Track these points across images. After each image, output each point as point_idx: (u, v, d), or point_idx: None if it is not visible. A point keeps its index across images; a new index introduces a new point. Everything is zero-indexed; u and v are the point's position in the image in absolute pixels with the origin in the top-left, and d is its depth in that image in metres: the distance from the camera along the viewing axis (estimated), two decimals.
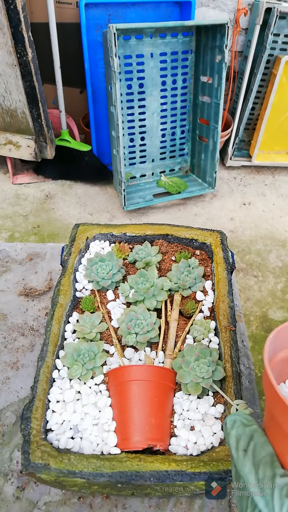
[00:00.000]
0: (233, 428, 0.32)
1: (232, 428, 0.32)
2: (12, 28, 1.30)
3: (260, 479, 0.27)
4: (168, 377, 0.49)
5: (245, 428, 0.31)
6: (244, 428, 0.31)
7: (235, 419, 0.32)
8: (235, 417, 0.33)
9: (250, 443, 0.30)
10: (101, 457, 0.42)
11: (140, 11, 1.61)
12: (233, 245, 1.58)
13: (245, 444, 0.30)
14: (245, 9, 1.65)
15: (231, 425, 0.32)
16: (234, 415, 0.33)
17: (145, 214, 1.70)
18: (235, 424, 0.32)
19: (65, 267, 0.62)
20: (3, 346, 0.63)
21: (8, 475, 0.51)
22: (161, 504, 0.49)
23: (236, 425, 0.32)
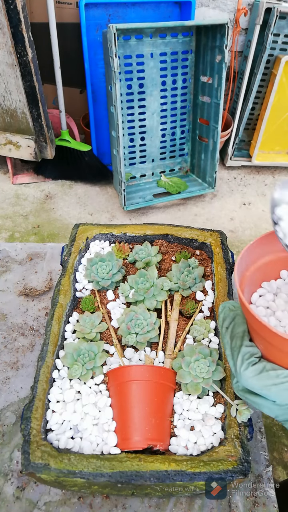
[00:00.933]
0: (222, 311, 0.41)
1: (221, 312, 0.41)
2: (12, 28, 1.30)
3: (232, 347, 0.37)
4: (168, 377, 0.49)
5: (230, 312, 0.40)
6: (230, 312, 0.40)
7: (225, 305, 0.41)
8: (225, 304, 0.41)
9: (231, 323, 0.39)
10: (101, 457, 0.42)
11: (140, 11, 1.61)
12: (233, 245, 1.58)
13: (228, 323, 0.39)
14: (245, 9, 1.65)
15: (221, 310, 0.41)
16: (225, 303, 0.41)
17: (145, 214, 1.71)
18: (224, 309, 0.41)
19: (65, 267, 0.62)
20: (3, 346, 0.63)
21: (8, 475, 0.51)
22: (161, 504, 0.49)
23: (224, 310, 0.40)
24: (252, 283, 0.41)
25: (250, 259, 0.39)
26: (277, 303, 0.40)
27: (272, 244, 0.40)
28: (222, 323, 0.40)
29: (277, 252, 0.41)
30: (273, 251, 0.41)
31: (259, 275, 0.41)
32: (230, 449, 0.43)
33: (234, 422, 0.45)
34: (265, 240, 0.39)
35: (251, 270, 0.40)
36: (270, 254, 0.41)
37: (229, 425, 0.45)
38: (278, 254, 0.41)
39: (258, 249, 0.39)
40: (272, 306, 0.40)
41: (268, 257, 0.41)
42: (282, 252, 0.41)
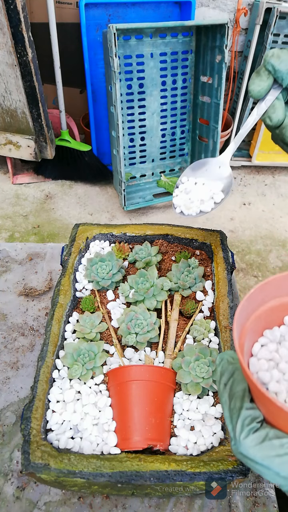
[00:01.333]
0: (220, 364, 0.36)
1: (219, 364, 0.36)
2: (12, 28, 1.30)
3: (231, 408, 0.33)
4: (168, 377, 0.49)
5: (229, 366, 0.36)
6: (228, 365, 0.36)
7: (223, 357, 0.37)
8: (223, 355, 0.37)
9: (230, 379, 0.35)
10: (101, 457, 0.42)
11: (140, 11, 1.61)
12: (233, 245, 1.58)
13: (226, 379, 0.35)
14: (245, 9, 1.65)
15: (219, 362, 0.37)
16: (223, 354, 0.37)
17: (145, 214, 1.71)
18: (222, 361, 0.37)
19: (65, 267, 0.62)
20: (3, 346, 0.63)
21: (8, 475, 0.50)
22: (161, 504, 0.49)
23: (222, 362, 0.36)
24: (254, 332, 0.37)
25: (251, 308, 0.36)
26: (280, 353, 0.37)
27: (274, 289, 0.37)
28: (220, 378, 0.36)
29: (280, 297, 0.38)
30: (276, 296, 0.38)
31: (260, 323, 0.38)
32: (230, 449, 0.43)
33: None
34: (266, 286, 0.36)
35: (252, 320, 0.37)
36: (272, 300, 0.38)
37: None
38: (281, 299, 0.38)
39: (259, 296, 0.36)
40: (275, 357, 0.36)
41: (270, 303, 0.38)
42: (285, 296, 0.38)
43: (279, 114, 0.48)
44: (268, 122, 0.49)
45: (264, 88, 0.47)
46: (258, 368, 0.34)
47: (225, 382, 0.35)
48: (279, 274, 0.36)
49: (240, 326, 0.34)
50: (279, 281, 0.36)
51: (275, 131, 0.51)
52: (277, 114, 0.48)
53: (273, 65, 0.45)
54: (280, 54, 0.45)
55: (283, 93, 0.48)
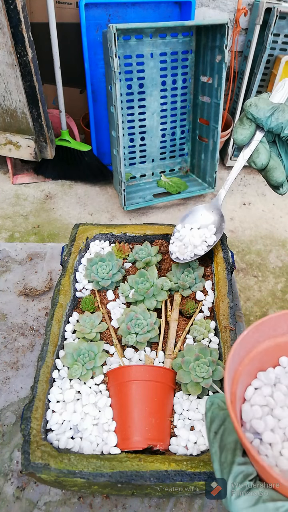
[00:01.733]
0: (210, 410, 0.33)
1: (209, 410, 0.34)
2: (12, 28, 1.30)
3: (221, 462, 0.30)
4: (168, 377, 0.49)
5: (219, 412, 0.33)
6: (219, 411, 0.33)
7: (213, 401, 0.34)
8: (213, 399, 0.34)
9: (221, 427, 0.32)
10: (101, 457, 0.42)
11: (140, 11, 1.61)
12: (233, 245, 1.58)
13: (217, 427, 0.32)
14: (245, 9, 1.65)
15: (209, 407, 0.34)
16: (213, 397, 0.34)
17: (145, 214, 1.71)
18: (212, 406, 0.34)
19: (65, 267, 0.62)
20: (3, 346, 0.63)
21: (8, 475, 0.50)
22: (161, 504, 0.49)
23: (213, 407, 0.34)
24: (247, 374, 0.35)
25: (244, 351, 0.34)
26: (275, 397, 0.34)
27: (268, 330, 0.35)
28: (210, 425, 0.32)
29: (274, 338, 0.36)
30: (270, 336, 0.35)
31: (254, 365, 0.35)
32: None
33: None
34: (261, 327, 0.34)
35: (245, 362, 0.34)
36: (266, 341, 0.35)
37: None
38: (276, 339, 0.36)
39: (252, 338, 0.34)
40: (269, 403, 0.33)
41: (264, 344, 0.35)
42: (280, 336, 0.36)
43: (263, 159, 0.51)
44: (253, 166, 0.52)
45: (247, 136, 0.50)
46: (251, 416, 0.32)
47: (215, 431, 0.32)
48: (273, 314, 0.34)
49: (232, 371, 0.32)
50: (274, 321, 0.34)
51: (261, 174, 0.54)
52: (261, 159, 0.51)
53: (252, 114, 0.49)
54: (257, 102, 0.49)
55: (267, 135, 0.51)
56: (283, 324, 0.35)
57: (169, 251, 0.63)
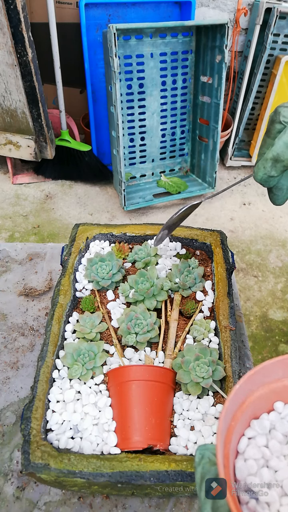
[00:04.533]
0: (200, 464, 0.30)
1: (199, 464, 0.30)
2: (12, 28, 1.30)
3: None
4: (168, 377, 0.49)
5: (211, 467, 0.29)
6: (211, 466, 0.29)
7: (204, 454, 0.30)
8: (203, 452, 0.30)
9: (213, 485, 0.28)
10: (101, 457, 0.42)
11: (140, 11, 1.61)
12: (233, 245, 1.58)
13: (208, 486, 0.28)
14: (245, 9, 1.65)
15: (199, 461, 0.30)
16: (203, 449, 0.30)
17: (145, 214, 1.71)
18: (203, 460, 0.30)
19: (65, 267, 0.62)
20: (3, 346, 0.63)
21: (8, 475, 0.50)
22: (161, 504, 0.49)
23: (203, 461, 0.30)
24: (241, 425, 0.32)
25: (237, 404, 0.32)
26: (270, 447, 0.31)
27: (262, 378, 0.33)
28: (201, 483, 0.28)
29: (268, 384, 0.34)
30: (264, 383, 0.34)
31: (247, 415, 0.33)
32: None
33: None
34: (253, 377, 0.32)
35: (237, 416, 0.32)
36: (260, 389, 0.34)
37: None
38: (269, 386, 0.34)
39: (245, 389, 0.32)
40: (265, 454, 0.31)
41: (257, 393, 0.34)
42: (275, 382, 0.34)
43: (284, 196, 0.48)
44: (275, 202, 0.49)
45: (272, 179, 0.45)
46: (246, 472, 0.30)
47: (207, 490, 0.28)
48: (266, 362, 0.33)
49: (224, 432, 0.29)
50: (268, 368, 0.33)
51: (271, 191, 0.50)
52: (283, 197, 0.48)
53: None
54: None
55: None
56: (278, 370, 0.33)
57: None
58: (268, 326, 1.31)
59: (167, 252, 0.68)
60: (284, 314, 1.35)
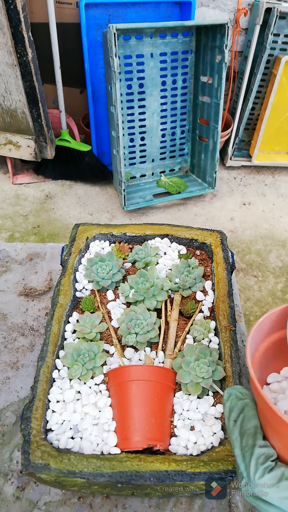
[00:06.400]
0: (228, 400, 0.35)
1: (227, 400, 0.35)
2: (12, 28, 1.30)
3: (243, 446, 0.31)
4: (168, 377, 0.49)
5: (238, 401, 0.34)
6: (237, 401, 0.34)
7: (231, 392, 0.35)
8: (231, 391, 0.35)
9: (240, 415, 0.33)
10: (101, 457, 0.42)
11: (140, 11, 1.61)
12: (233, 245, 1.58)
13: (236, 415, 0.34)
14: (245, 9, 1.65)
15: (227, 397, 0.35)
16: (231, 389, 0.36)
17: (145, 214, 1.70)
18: (230, 397, 0.35)
19: (65, 267, 0.62)
20: (3, 346, 0.63)
21: (8, 475, 0.50)
22: (161, 504, 0.49)
23: (231, 398, 0.35)
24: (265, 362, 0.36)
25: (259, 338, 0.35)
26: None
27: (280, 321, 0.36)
28: (229, 415, 0.34)
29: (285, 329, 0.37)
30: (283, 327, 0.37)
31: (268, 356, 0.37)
32: (230, 449, 0.43)
33: None
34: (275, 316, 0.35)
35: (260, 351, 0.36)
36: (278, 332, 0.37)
37: None
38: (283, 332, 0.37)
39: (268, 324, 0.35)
40: None
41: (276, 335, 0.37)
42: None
43: None
44: None
45: None
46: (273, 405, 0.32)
47: (234, 419, 0.33)
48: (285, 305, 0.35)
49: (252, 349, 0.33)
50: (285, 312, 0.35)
51: None
52: None
53: None
54: None
55: None
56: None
57: None
58: None
59: (168, 251, 0.68)
60: None
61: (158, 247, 0.67)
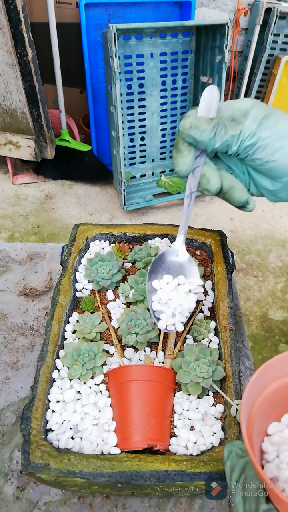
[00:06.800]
0: (229, 458, 0.34)
1: (227, 459, 0.34)
2: (12, 28, 1.30)
3: (246, 510, 0.30)
4: (168, 377, 0.49)
5: (239, 460, 0.33)
6: (238, 459, 0.33)
7: (231, 450, 0.34)
8: (231, 448, 0.34)
9: (241, 475, 0.32)
10: (101, 457, 0.42)
11: (140, 11, 1.61)
12: (233, 245, 1.58)
13: (237, 475, 0.32)
14: (245, 9, 1.65)
15: (227, 456, 0.34)
16: (230, 445, 0.34)
17: (145, 214, 1.70)
18: (231, 455, 0.34)
19: (65, 267, 0.62)
20: (3, 346, 0.63)
21: (8, 475, 0.51)
22: (161, 504, 0.49)
23: (231, 456, 0.34)
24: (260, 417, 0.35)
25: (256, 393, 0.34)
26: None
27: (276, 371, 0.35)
28: (231, 475, 0.33)
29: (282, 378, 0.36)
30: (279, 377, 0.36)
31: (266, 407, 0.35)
32: None
33: (234, 422, 0.45)
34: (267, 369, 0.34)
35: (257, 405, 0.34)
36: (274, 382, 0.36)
37: (229, 425, 0.45)
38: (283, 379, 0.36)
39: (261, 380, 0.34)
40: None
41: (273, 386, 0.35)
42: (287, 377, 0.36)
43: (214, 182, 0.44)
44: (207, 194, 0.46)
45: (190, 163, 0.43)
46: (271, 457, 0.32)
47: (236, 479, 0.32)
48: (278, 355, 0.34)
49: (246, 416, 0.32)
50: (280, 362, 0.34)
51: (220, 197, 0.47)
52: (213, 184, 0.44)
53: (194, 138, 0.42)
54: (196, 123, 0.41)
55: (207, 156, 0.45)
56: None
57: (153, 318, 0.51)
58: (268, 326, 1.31)
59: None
60: (284, 314, 1.35)
61: (158, 247, 0.67)
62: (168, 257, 0.53)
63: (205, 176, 0.44)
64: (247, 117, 0.41)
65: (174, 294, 0.51)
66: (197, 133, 0.41)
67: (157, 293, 0.51)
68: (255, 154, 0.42)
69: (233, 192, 0.45)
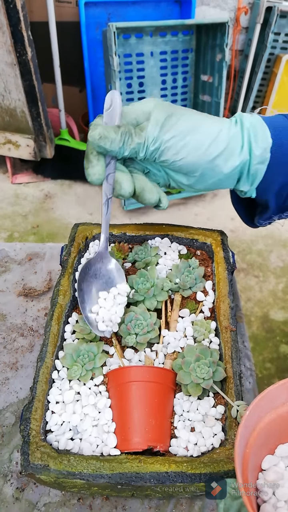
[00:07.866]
0: (222, 500, 0.34)
1: (221, 501, 0.34)
2: (12, 27, 1.29)
3: None
4: (168, 378, 0.49)
5: (233, 502, 0.33)
6: (232, 501, 0.33)
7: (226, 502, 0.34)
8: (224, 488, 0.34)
9: None
10: (100, 458, 0.42)
11: (140, 10, 1.61)
12: (234, 245, 1.58)
13: None
14: (246, 7, 1.64)
15: None
16: (223, 484, 0.34)
17: (145, 214, 1.70)
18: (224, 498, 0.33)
19: (64, 267, 0.61)
20: (2, 347, 0.62)
21: (7, 476, 0.50)
22: (161, 505, 0.49)
23: (225, 497, 0.33)
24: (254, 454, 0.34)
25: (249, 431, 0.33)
26: None
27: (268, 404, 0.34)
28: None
29: (275, 409, 0.35)
30: (271, 408, 0.35)
31: (260, 441, 0.35)
32: (230, 451, 0.43)
33: (235, 423, 0.45)
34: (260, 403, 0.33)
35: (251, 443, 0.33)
36: (268, 415, 0.35)
37: (230, 426, 0.45)
38: (276, 410, 0.35)
39: (254, 416, 0.34)
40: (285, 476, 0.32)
41: (266, 419, 0.35)
42: (281, 407, 0.35)
43: (127, 187, 0.46)
44: (122, 198, 0.47)
45: (102, 172, 0.46)
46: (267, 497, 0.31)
47: None
48: (270, 387, 0.34)
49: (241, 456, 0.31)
50: (272, 394, 0.34)
51: (135, 199, 0.48)
52: (125, 188, 0.46)
53: (105, 148, 0.43)
54: (105, 133, 0.42)
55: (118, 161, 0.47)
56: (281, 394, 0.34)
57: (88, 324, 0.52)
58: (269, 326, 1.31)
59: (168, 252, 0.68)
60: (285, 314, 1.34)
61: (158, 247, 0.67)
62: (94, 263, 0.54)
63: (117, 181, 0.46)
64: (149, 121, 0.42)
65: (112, 307, 0.54)
66: (107, 144, 0.42)
67: (99, 313, 0.53)
68: (161, 156, 0.43)
69: (144, 194, 0.47)
